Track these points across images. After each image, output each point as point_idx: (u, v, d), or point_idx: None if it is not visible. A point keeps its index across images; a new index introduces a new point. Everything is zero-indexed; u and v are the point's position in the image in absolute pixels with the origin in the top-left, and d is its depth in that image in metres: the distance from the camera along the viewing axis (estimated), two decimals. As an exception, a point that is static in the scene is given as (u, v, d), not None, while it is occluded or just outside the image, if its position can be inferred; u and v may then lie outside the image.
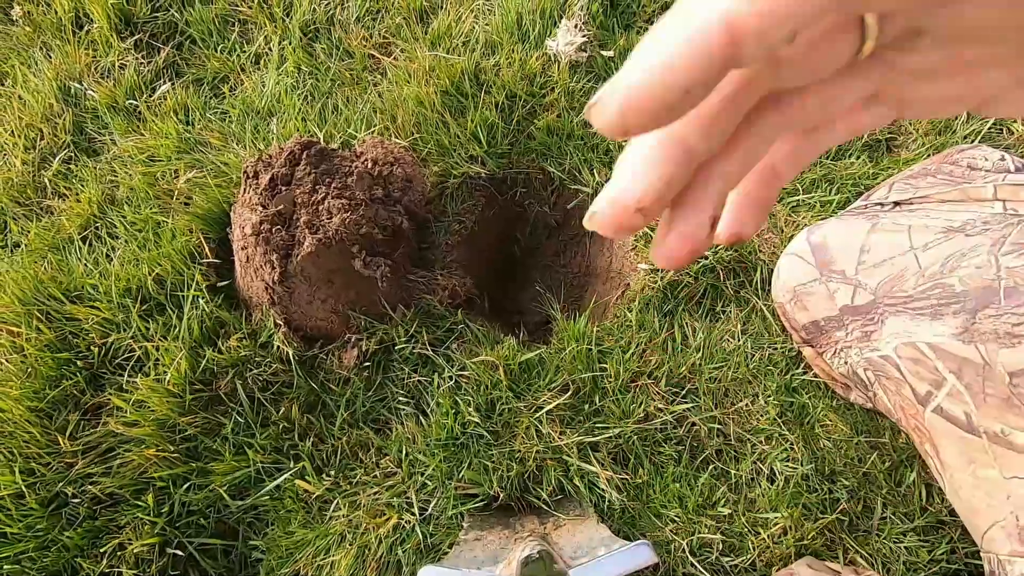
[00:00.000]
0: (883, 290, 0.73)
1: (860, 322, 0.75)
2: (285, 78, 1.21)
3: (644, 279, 0.98)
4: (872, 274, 0.75)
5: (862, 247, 0.77)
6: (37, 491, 0.84)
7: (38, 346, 0.92)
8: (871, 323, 0.74)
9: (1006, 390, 0.61)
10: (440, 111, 1.09)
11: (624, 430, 0.86)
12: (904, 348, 0.69)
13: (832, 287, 0.78)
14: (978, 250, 0.68)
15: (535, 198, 1.17)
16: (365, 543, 0.81)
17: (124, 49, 1.27)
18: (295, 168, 0.90)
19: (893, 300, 0.72)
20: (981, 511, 0.64)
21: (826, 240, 0.80)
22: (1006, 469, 0.61)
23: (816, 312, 0.80)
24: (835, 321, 0.79)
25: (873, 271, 0.75)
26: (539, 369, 0.91)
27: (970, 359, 0.63)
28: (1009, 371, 0.61)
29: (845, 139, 0.24)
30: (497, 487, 0.82)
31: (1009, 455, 0.61)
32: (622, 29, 1.20)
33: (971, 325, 0.64)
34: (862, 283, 0.75)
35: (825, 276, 0.79)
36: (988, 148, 0.85)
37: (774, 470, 0.85)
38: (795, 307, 0.83)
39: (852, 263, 0.77)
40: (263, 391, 0.89)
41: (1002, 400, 0.61)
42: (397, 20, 1.25)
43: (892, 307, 0.72)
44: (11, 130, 1.23)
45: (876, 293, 0.74)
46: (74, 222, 1.09)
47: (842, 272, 0.77)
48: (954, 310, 0.66)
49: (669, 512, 0.82)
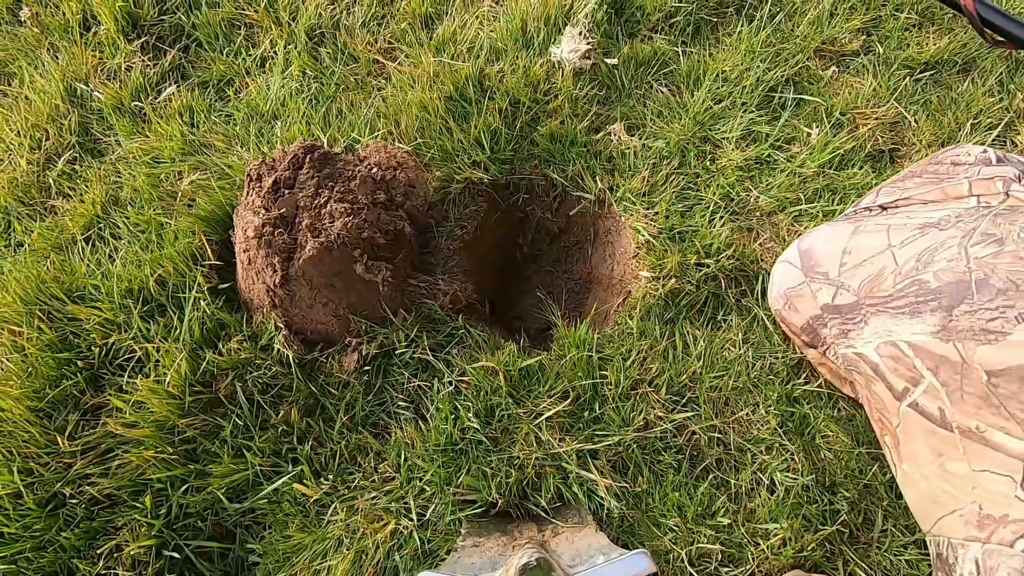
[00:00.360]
0: (864, 290, 0.76)
1: (839, 320, 0.78)
2: (290, 82, 1.21)
3: (645, 287, 0.98)
4: (854, 274, 0.78)
5: (844, 249, 0.80)
6: (35, 491, 0.84)
7: (39, 346, 0.92)
8: (850, 322, 0.77)
9: (984, 388, 0.63)
10: (444, 116, 1.10)
11: (624, 438, 0.85)
12: (885, 347, 0.71)
13: (814, 287, 0.81)
14: (949, 243, 0.71)
15: (537, 204, 1.18)
16: (362, 548, 0.81)
17: (131, 51, 1.28)
18: (298, 172, 0.91)
19: (874, 300, 0.75)
20: (942, 500, 0.68)
21: (812, 246, 0.84)
22: (976, 463, 0.64)
23: (805, 312, 0.83)
24: (819, 320, 0.81)
25: (855, 271, 0.78)
26: (539, 375, 0.91)
27: (948, 357, 0.66)
28: (987, 370, 0.63)
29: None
30: (496, 493, 0.82)
31: (981, 450, 0.64)
32: (626, 37, 1.20)
33: (948, 323, 0.67)
34: (844, 284, 0.78)
35: (809, 278, 0.82)
36: (970, 145, 0.88)
37: (774, 480, 0.85)
38: (789, 311, 0.85)
39: (835, 265, 0.80)
40: (263, 394, 0.89)
41: (979, 398, 0.63)
42: (402, 25, 1.26)
43: (874, 307, 0.75)
44: (17, 130, 1.23)
45: (859, 294, 0.76)
46: (77, 222, 1.09)
47: (825, 274, 0.81)
48: (931, 307, 0.68)
49: (668, 521, 0.81)
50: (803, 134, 1.11)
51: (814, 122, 1.12)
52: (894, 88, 1.15)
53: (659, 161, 1.08)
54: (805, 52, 1.18)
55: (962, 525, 0.65)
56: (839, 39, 1.20)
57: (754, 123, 1.11)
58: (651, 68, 1.18)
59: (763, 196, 1.05)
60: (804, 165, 1.06)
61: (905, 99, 1.14)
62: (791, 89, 1.15)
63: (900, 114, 1.13)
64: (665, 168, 1.07)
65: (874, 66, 1.18)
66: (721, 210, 1.04)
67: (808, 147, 1.09)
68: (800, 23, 1.21)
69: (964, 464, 0.65)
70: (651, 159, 1.08)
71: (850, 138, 1.09)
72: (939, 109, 1.13)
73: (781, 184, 1.05)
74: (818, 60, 1.19)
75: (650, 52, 1.18)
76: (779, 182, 1.05)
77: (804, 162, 1.07)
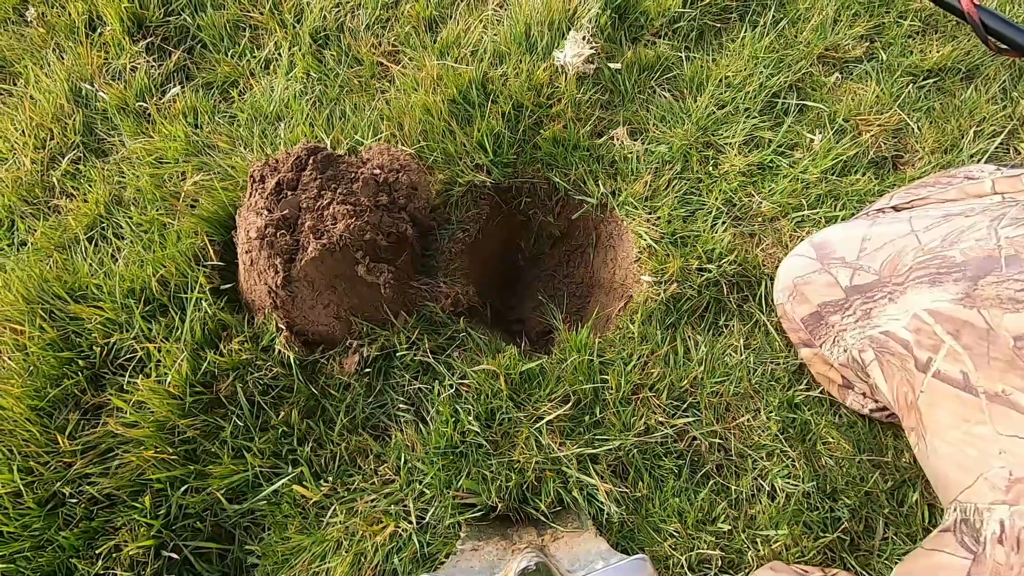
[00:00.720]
0: (887, 270, 0.75)
1: (860, 300, 0.77)
2: (294, 84, 1.22)
3: (647, 291, 0.98)
4: (874, 257, 0.77)
5: (863, 237, 0.80)
6: (35, 490, 0.84)
7: (41, 345, 0.92)
8: (870, 300, 0.76)
9: (1010, 352, 0.63)
10: (447, 119, 1.10)
11: (624, 443, 0.85)
12: (912, 321, 0.71)
13: (834, 272, 0.80)
14: (978, 226, 0.71)
15: (539, 208, 1.18)
16: (361, 550, 0.81)
17: (136, 52, 1.28)
18: (301, 173, 0.91)
19: (899, 279, 0.74)
20: (967, 465, 0.67)
21: (827, 237, 0.83)
22: (1003, 427, 0.64)
23: (814, 299, 0.82)
24: (833, 305, 0.80)
25: (875, 254, 0.77)
26: (540, 379, 0.91)
27: (971, 322, 0.65)
28: (1014, 335, 0.63)
29: None
30: (495, 497, 0.81)
31: (1007, 413, 0.63)
32: (629, 42, 1.21)
33: (972, 291, 0.66)
34: (864, 266, 0.78)
35: (826, 265, 0.81)
36: (982, 164, 0.88)
37: (775, 487, 0.84)
38: (794, 301, 0.84)
39: (853, 251, 0.79)
40: (263, 395, 0.89)
41: (1005, 363, 0.63)
42: (406, 29, 1.26)
43: (900, 285, 0.74)
44: (22, 129, 1.24)
45: (880, 273, 0.76)
46: (81, 222, 1.09)
47: (842, 258, 0.80)
48: (955, 277, 0.68)
49: (668, 527, 0.81)
50: (806, 140, 1.11)
51: (817, 128, 1.12)
52: (897, 95, 1.15)
53: (661, 166, 1.08)
54: (808, 58, 1.18)
55: (988, 490, 0.65)
56: (842, 45, 1.20)
57: (757, 129, 1.11)
58: (654, 73, 1.18)
59: (765, 202, 1.05)
60: (807, 171, 1.06)
61: (908, 106, 1.14)
62: (794, 95, 1.15)
63: (903, 121, 1.13)
64: (667, 173, 1.07)
65: (877, 73, 1.18)
66: (723, 215, 1.04)
67: (811, 153, 1.09)
68: (803, 29, 1.21)
69: (990, 428, 0.64)
70: (653, 164, 1.08)
71: (853, 144, 1.09)
72: (942, 116, 1.13)
73: (784, 190, 1.05)
74: (821, 66, 1.19)
75: (653, 57, 1.18)
76: (781, 188, 1.05)
77: (807, 168, 1.07)
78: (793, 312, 0.85)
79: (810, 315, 0.83)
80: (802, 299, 0.83)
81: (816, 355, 0.87)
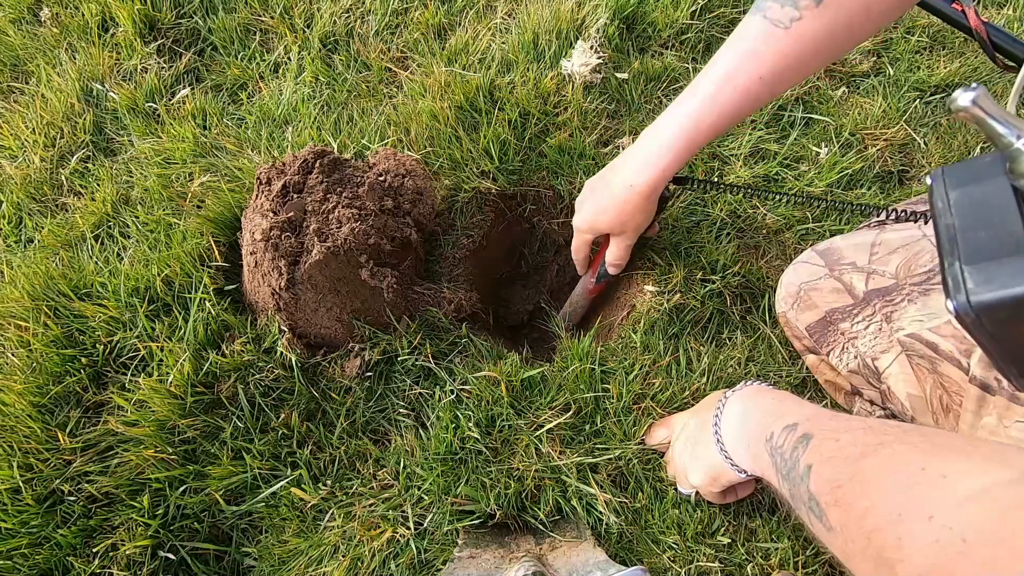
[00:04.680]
0: (903, 272, 0.73)
1: (880, 304, 0.75)
2: (302, 87, 1.23)
3: (650, 301, 0.97)
4: (888, 261, 0.75)
5: (873, 243, 0.77)
6: (34, 487, 0.84)
7: (44, 341, 0.92)
8: (890, 304, 0.74)
9: None
10: (454, 126, 1.11)
11: (625, 453, 0.85)
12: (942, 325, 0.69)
13: (846, 278, 0.78)
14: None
15: (544, 215, 1.18)
16: (358, 555, 0.80)
17: (147, 53, 1.29)
18: (307, 176, 0.91)
19: (916, 279, 0.71)
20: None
21: (833, 244, 0.81)
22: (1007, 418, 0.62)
23: (822, 305, 0.80)
24: (842, 311, 0.78)
25: (888, 258, 0.75)
26: (541, 387, 0.90)
27: None
28: None
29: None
30: (494, 504, 0.81)
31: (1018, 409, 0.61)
32: (637, 52, 1.21)
33: None
34: (877, 270, 0.75)
35: (836, 271, 0.79)
36: None
37: (775, 500, 0.84)
38: (799, 308, 0.83)
39: (864, 256, 0.77)
40: (264, 396, 0.89)
41: None
42: (415, 35, 1.27)
43: (918, 286, 0.71)
44: (32, 127, 1.25)
45: (897, 276, 0.73)
46: (88, 220, 1.10)
47: (852, 263, 0.78)
48: None
49: (667, 538, 0.81)
50: (812, 153, 1.11)
51: (823, 141, 1.12)
52: (904, 110, 1.15)
53: (667, 176, 1.08)
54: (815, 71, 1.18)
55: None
56: (849, 60, 1.20)
57: (763, 141, 1.11)
58: (661, 83, 1.19)
59: (770, 214, 1.04)
60: (812, 184, 1.06)
61: (915, 121, 1.14)
62: (800, 108, 1.16)
63: (909, 136, 1.13)
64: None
65: (884, 87, 1.18)
66: (728, 227, 1.04)
67: (816, 166, 1.09)
68: (811, 43, 1.21)
69: (994, 418, 0.63)
70: (659, 174, 1.08)
71: (859, 158, 1.09)
72: (948, 132, 1.13)
73: (789, 202, 1.05)
74: (828, 80, 1.20)
75: (660, 68, 1.18)
76: (787, 200, 1.05)
77: (812, 181, 1.07)
78: (796, 320, 0.85)
79: (817, 322, 0.82)
80: (809, 305, 0.82)
81: (823, 362, 0.86)
